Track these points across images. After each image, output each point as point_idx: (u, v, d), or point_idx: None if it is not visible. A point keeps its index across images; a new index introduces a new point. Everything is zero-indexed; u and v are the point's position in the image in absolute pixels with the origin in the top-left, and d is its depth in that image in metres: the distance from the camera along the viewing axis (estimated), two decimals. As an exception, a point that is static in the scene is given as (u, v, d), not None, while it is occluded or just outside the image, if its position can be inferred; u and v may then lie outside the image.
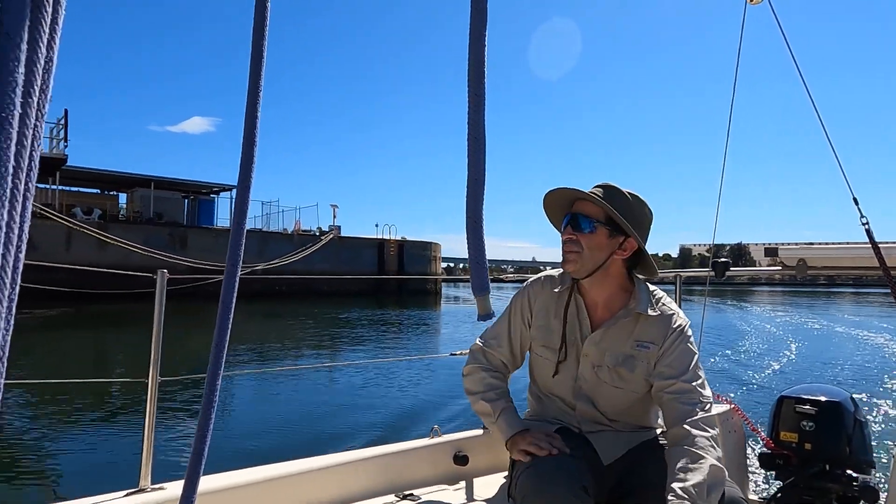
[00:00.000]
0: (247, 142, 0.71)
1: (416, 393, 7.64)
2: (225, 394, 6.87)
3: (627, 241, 1.60)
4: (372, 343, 13.56)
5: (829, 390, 2.30)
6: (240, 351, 10.92)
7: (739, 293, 47.87)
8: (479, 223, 0.57)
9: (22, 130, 0.35)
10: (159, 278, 1.71)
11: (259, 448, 5.35)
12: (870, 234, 2.02)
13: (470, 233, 0.57)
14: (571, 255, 1.60)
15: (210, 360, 0.76)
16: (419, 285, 32.54)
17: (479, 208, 0.57)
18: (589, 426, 1.66)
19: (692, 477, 1.36)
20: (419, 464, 1.95)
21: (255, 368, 9.66)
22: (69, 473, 4.67)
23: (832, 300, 41.93)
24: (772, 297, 42.51)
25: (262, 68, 0.69)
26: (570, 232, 1.61)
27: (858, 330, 17.64)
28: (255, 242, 25.83)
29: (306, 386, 8.14)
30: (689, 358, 1.58)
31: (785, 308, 29.78)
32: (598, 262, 1.59)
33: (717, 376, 8.91)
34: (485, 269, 0.58)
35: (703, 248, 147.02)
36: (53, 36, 0.38)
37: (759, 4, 2.19)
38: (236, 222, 0.78)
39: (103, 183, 28.36)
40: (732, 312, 25.14)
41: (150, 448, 1.64)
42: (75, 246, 20.95)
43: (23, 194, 0.37)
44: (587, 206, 1.61)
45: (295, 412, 6.70)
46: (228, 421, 6.12)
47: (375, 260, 30.41)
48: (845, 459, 2.14)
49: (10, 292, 0.36)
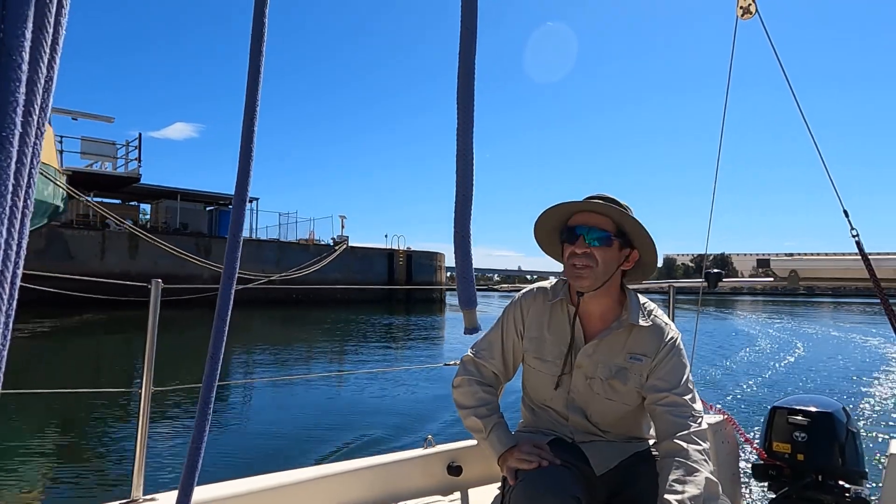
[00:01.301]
0: (243, 155, 0.72)
1: (409, 403, 7.62)
2: (219, 404, 6.83)
3: (633, 252, 1.62)
4: (378, 350, 13.81)
5: (821, 401, 2.31)
6: (253, 353, 11.31)
7: (722, 303, 47.96)
8: (466, 238, 0.58)
9: (22, 149, 0.36)
10: (154, 288, 1.71)
11: (252, 458, 5.32)
12: (860, 247, 2.05)
13: (458, 247, 0.58)
14: (585, 269, 1.56)
15: (205, 370, 0.76)
16: (426, 294, 34.38)
17: (467, 223, 0.58)
18: (582, 437, 1.66)
19: (688, 489, 1.37)
20: (413, 474, 1.95)
21: (250, 378, 9.62)
22: (61, 483, 4.63)
23: (813, 309, 42.26)
24: (753, 307, 42.65)
25: (259, 86, 0.70)
26: (584, 246, 1.56)
27: (849, 339, 17.71)
28: (274, 252, 27.21)
29: (300, 396, 8.11)
30: (681, 371, 1.59)
31: (770, 317, 30.01)
32: (608, 275, 1.58)
33: (709, 387, 8.92)
34: (472, 283, 0.59)
35: (688, 257, 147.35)
36: (54, 56, 0.38)
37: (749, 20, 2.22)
38: (232, 234, 0.78)
39: (126, 194, 28.85)
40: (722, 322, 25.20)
41: (142, 458, 1.64)
42: (108, 255, 22.29)
43: (21, 211, 0.38)
44: (597, 218, 1.58)
45: (288, 422, 6.66)
46: (222, 431, 6.08)
47: (386, 269, 31.97)
48: (838, 470, 2.15)
49: (8, 307, 0.37)
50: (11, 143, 0.35)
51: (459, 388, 1.74)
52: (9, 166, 0.35)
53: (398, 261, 32.46)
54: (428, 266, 34.45)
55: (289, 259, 25.61)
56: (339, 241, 30.36)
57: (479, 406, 1.68)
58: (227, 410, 7.00)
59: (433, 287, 23.42)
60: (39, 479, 4.73)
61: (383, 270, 31.87)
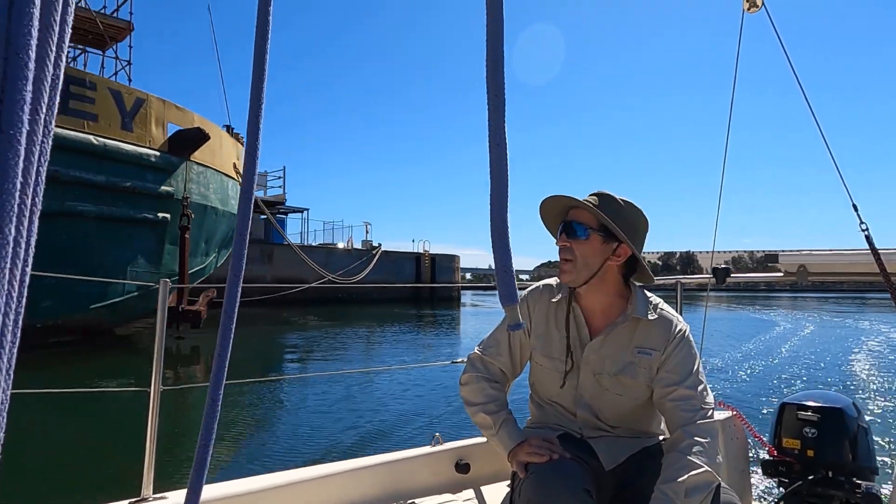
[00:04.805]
0: (249, 156, 0.72)
1: (417, 400, 7.63)
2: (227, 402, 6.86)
3: (621, 247, 1.61)
4: (407, 338, 15.14)
5: (831, 396, 2.29)
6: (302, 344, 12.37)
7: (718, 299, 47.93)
8: (504, 232, 0.54)
9: (30, 147, 0.36)
10: (161, 288, 1.71)
11: (260, 457, 5.34)
12: (870, 241, 2.03)
13: (496, 242, 0.55)
14: (566, 264, 1.60)
15: (213, 369, 0.76)
16: (446, 292, 39.30)
17: (505, 216, 0.55)
18: (590, 432, 1.66)
19: (683, 480, 1.38)
20: (421, 472, 1.95)
21: (257, 377, 9.66)
22: (71, 482, 4.67)
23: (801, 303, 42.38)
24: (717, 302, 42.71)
25: (263, 89, 0.70)
26: (563, 239, 1.61)
27: (859, 335, 17.60)
28: (322, 256, 30.54)
29: (308, 394, 8.14)
30: (690, 364, 1.58)
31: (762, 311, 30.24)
32: (592, 269, 1.60)
33: (718, 383, 8.89)
34: (512, 278, 0.56)
35: (656, 255, 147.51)
36: (60, 55, 0.39)
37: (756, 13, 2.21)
38: (239, 233, 0.78)
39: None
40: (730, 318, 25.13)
41: (151, 457, 1.64)
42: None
43: (29, 209, 0.38)
44: (581, 213, 1.61)
45: (295, 420, 6.69)
46: (230, 430, 6.11)
47: (414, 271, 36.86)
48: (848, 466, 2.13)
49: (18, 305, 0.37)
50: (20, 142, 0.35)
51: (467, 386, 1.75)
52: (17, 164, 0.35)
53: (424, 263, 37.37)
54: (448, 268, 39.42)
55: (335, 262, 28.25)
56: (374, 247, 34.49)
57: (487, 402, 1.69)
58: (235, 409, 7.04)
59: (454, 286, 25.42)
60: (50, 477, 4.77)
61: (412, 272, 36.62)
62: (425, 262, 37.34)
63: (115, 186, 11.10)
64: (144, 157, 11.62)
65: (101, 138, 10.90)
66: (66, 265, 9.18)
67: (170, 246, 12.49)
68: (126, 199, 11.42)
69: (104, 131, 10.99)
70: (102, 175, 10.92)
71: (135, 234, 11.79)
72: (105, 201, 11.06)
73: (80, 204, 10.63)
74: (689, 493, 1.37)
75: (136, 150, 11.50)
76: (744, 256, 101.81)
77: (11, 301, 0.36)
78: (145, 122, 11.75)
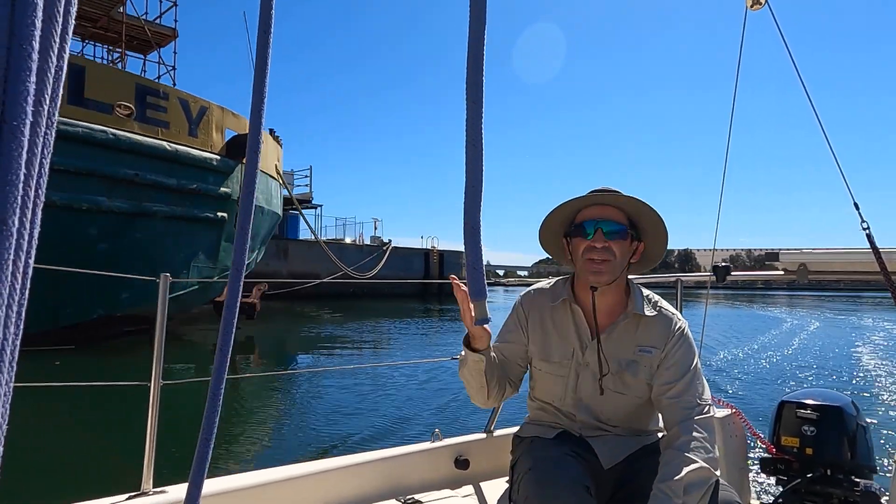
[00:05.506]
0: (251, 152, 0.72)
1: (417, 396, 7.64)
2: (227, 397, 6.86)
3: (640, 245, 1.62)
4: (419, 329, 15.59)
5: (830, 395, 2.29)
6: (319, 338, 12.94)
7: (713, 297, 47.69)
8: (476, 230, 0.57)
9: (33, 139, 0.36)
10: (161, 282, 1.71)
11: (260, 452, 5.35)
12: (871, 240, 2.02)
13: (468, 239, 0.57)
14: (605, 264, 1.54)
15: (214, 364, 0.76)
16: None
17: (477, 215, 0.57)
18: (589, 431, 1.66)
19: (679, 476, 1.37)
20: (420, 468, 1.95)
21: (258, 371, 9.67)
22: (71, 476, 4.68)
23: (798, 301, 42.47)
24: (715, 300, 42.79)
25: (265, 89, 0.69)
26: (603, 240, 1.54)
27: (863, 332, 17.61)
28: (335, 251, 31.69)
29: (308, 389, 8.15)
30: (689, 361, 1.58)
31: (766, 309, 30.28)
32: (623, 267, 1.59)
33: (717, 381, 8.89)
34: (482, 274, 0.59)
35: None
36: (63, 46, 0.38)
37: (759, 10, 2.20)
38: (240, 226, 0.78)
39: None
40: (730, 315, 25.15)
41: (152, 451, 1.65)
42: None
43: (33, 201, 0.38)
44: (610, 211, 1.57)
45: (296, 416, 6.70)
46: (231, 424, 6.12)
47: (423, 266, 37.53)
48: (847, 464, 2.14)
49: (21, 297, 0.37)
50: (23, 133, 0.35)
51: None
52: (20, 156, 0.35)
53: (433, 259, 38.41)
54: (456, 264, 40.20)
55: (346, 258, 29.47)
56: (385, 243, 34.38)
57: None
58: (236, 404, 7.04)
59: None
60: (50, 470, 4.77)
61: (420, 267, 37.34)
62: (434, 258, 38.20)
63: (183, 188, 11.96)
64: (207, 161, 12.47)
65: (173, 144, 11.79)
66: (143, 261, 10.93)
67: (225, 243, 13.32)
68: (191, 200, 12.24)
69: (175, 137, 11.88)
70: (174, 178, 11.80)
71: (197, 232, 12.59)
72: (174, 202, 11.93)
73: (155, 205, 11.55)
74: (688, 490, 1.37)
75: (201, 154, 12.36)
76: (742, 255, 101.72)
77: (15, 292, 0.36)
78: (208, 128, 12.63)
